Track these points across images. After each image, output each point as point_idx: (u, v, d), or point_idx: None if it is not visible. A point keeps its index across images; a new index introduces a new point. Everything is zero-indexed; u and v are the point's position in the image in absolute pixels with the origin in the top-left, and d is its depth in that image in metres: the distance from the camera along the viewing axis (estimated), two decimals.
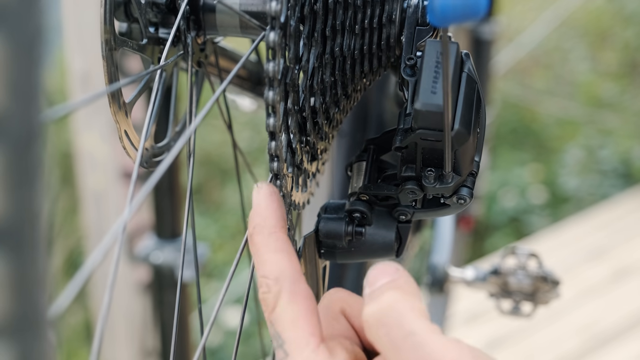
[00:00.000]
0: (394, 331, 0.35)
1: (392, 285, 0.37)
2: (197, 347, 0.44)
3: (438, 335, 0.34)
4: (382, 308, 0.36)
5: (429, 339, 0.34)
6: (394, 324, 0.35)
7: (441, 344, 0.34)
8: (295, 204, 0.50)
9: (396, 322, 0.35)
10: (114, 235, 0.34)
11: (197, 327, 0.52)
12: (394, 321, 0.35)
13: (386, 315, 0.35)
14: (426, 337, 0.34)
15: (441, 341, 0.34)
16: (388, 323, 0.35)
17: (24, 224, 0.20)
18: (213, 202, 2.64)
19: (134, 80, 0.47)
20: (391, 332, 0.35)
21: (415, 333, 0.34)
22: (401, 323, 0.35)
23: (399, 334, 0.35)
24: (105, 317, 0.33)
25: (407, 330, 0.35)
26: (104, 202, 1.51)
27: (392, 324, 0.35)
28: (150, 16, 0.49)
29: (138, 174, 0.43)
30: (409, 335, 0.34)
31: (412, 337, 0.34)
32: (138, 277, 1.49)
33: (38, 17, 0.19)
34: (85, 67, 1.41)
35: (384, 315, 0.36)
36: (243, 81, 0.65)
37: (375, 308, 0.36)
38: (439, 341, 0.34)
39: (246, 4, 0.49)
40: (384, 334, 0.35)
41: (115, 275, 0.34)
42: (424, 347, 0.34)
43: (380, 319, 0.36)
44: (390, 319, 0.35)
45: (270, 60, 0.41)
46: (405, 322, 0.35)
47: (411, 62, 0.47)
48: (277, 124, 0.42)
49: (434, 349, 0.34)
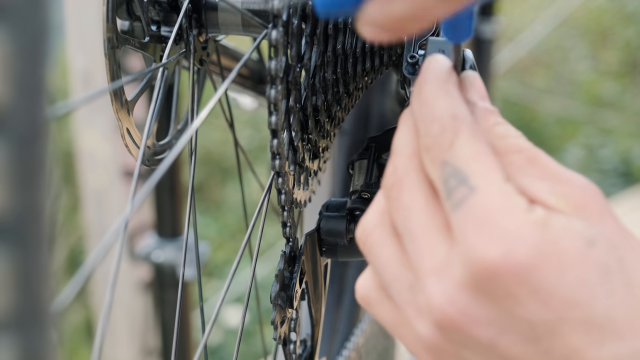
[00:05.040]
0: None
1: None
2: (198, 346, 0.44)
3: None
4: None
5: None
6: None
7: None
8: (297, 202, 0.50)
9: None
10: (116, 233, 0.34)
11: (198, 326, 0.52)
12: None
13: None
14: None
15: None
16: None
17: (28, 219, 0.20)
18: (213, 200, 2.64)
19: (136, 78, 0.47)
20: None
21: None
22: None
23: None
24: (107, 315, 0.33)
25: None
26: (104, 201, 1.51)
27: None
28: (152, 14, 0.49)
29: (140, 172, 0.44)
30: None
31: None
32: (139, 276, 1.49)
33: (43, 14, 0.19)
34: (87, 66, 1.41)
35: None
36: (245, 80, 0.65)
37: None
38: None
39: (248, 2, 0.49)
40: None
41: (117, 273, 0.34)
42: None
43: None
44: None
45: (272, 58, 0.41)
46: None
47: (413, 60, 0.47)
48: (279, 121, 0.42)
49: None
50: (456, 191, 0.34)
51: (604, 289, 0.32)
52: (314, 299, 0.53)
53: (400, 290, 0.36)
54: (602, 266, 0.32)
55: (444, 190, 0.34)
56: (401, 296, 0.36)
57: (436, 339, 0.35)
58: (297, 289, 0.49)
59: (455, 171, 0.34)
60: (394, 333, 0.38)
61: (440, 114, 0.36)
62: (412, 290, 0.35)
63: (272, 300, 0.47)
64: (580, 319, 0.32)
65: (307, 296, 0.52)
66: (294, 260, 0.50)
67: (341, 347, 0.79)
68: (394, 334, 0.38)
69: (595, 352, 0.32)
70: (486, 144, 0.35)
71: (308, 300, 0.52)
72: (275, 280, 0.48)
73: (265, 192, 0.48)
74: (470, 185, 0.34)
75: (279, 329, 0.48)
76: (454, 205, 0.34)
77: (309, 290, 0.52)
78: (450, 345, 0.35)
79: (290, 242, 0.49)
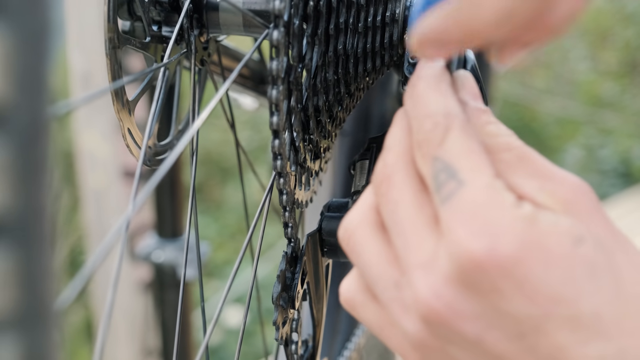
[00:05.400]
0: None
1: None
2: (199, 346, 0.44)
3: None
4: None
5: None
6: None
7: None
8: (298, 202, 0.50)
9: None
10: (117, 233, 0.34)
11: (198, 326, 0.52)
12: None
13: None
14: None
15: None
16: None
17: (30, 218, 0.20)
18: (213, 201, 2.64)
19: (137, 78, 0.47)
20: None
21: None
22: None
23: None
24: (108, 315, 0.33)
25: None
26: (104, 201, 1.51)
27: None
28: (153, 14, 0.49)
29: (140, 172, 0.43)
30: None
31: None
32: (139, 276, 1.48)
33: (44, 10, 0.19)
34: (87, 67, 1.41)
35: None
36: (246, 80, 0.65)
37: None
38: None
39: (250, 2, 0.49)
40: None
41: (119, 272, 0.34)
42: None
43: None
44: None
45: (273, 58, 0.41)
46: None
47: (414, 61, 0.47)
48: (280, 122, 0.42)
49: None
50: (445, 185, 0.34)
51: (591, 286, 0.32)
52: (316, 299, 0.53)
53: (386, 287, 0.36)
54: (590, 264, 0.32)
55: (434, 184, 0.35)
56: (387, 294, 0.36)
57: (422, 335, 0.34)
58: (299, 289, 0.49)
59: (445, 166, 0.34)
60: (380, 335, 0.38)
61: (433, 111, 0.36)
62: (398, 287, 0.35)
63: (274, 301, 0.47)
64: (566, 316, 0.32)
65: (308, 297, 0.52)
66: (295, 261, 0.50)
67: (342, 347, 0.79)
68: (380, 336, 0.38)
69: (580, 350, 0.32)
70: (477, 141, 0.35)
71: (310, 300, 0.52)
72: (277, 281, 0.47)
73: (267, 192, 0.48)
74: (459, 180, 0.34)
75: (281, 330, 0.48)
76: (442, 199, 0.34)
77: (311, 291, 0.52)
78: (436, 341, 0.34)
79: (292, 242, 0.49)
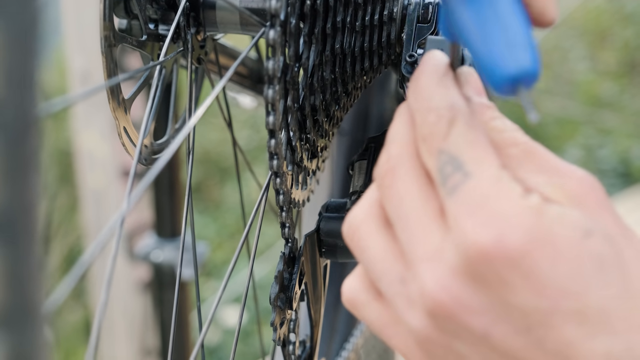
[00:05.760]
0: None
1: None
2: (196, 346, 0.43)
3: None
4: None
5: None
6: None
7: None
8: (295, 202, 0.49)
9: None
10: (112, 230, 0.34)
11: (196, 326, 0.52)
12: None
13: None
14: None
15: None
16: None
17: (19, 215, 0.20)
18: (212, 200, 2.64)
19: (133, 76, 0.47)
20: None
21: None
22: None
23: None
24: (102, 311, 0.32)
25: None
26: (103, 201, 1.51)
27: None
28: (150, 12, 0.49)
29: (137, 171, 0.43)
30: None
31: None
32: (138, 276, 1.48)
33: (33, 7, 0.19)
34: (85, 66, 1.41)
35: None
36: (243, 79, 0.65)
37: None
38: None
39: (246, 1, 0.49)
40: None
41: (114, 268, 0.33)
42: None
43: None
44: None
45: (270, 57, 0.41)
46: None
47: (412, 60, 0.47)
48: (276, 121, 0.42)
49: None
50: (451, 177, 0.33)
51: (599, 280, 0.31)
52: (314, 300, 0.52)
53: (391, 282, 0.35)
54: (598, 258, 0.32)
55: (440, 177, 0.34)
56: (392, 289, 0.35)
57: (428, 330, 0.34)
58: (297, 290, 0.49)
59: (451, 158, 0.34)
60: (383, 334, 0.37)
61: (437, 105, 0.35)
62: (403, 282, 0.35)
63: (272, 301, 0.47)
64: (573, 310, 0.31)
65: (306, 297, 0.52)
66: (293, 262, 0.49)
67: (340, 347, 0.79)
68: (383, 335, 0.37)
69: (587, 344, 0.31)
70: (482, 133, 0.35)
71: (307, 301, 0.52)
72: (275, 281, 0.47)
73: (263, 192, 0.48)
74: (465, 171, 0.33)
75: (279, 330, 0.48)
76: (448, 191, 0.33)
77: (309, 292, 0.51)
78: (442, 336, 0.34)
79: (290, 243, 0.49)
